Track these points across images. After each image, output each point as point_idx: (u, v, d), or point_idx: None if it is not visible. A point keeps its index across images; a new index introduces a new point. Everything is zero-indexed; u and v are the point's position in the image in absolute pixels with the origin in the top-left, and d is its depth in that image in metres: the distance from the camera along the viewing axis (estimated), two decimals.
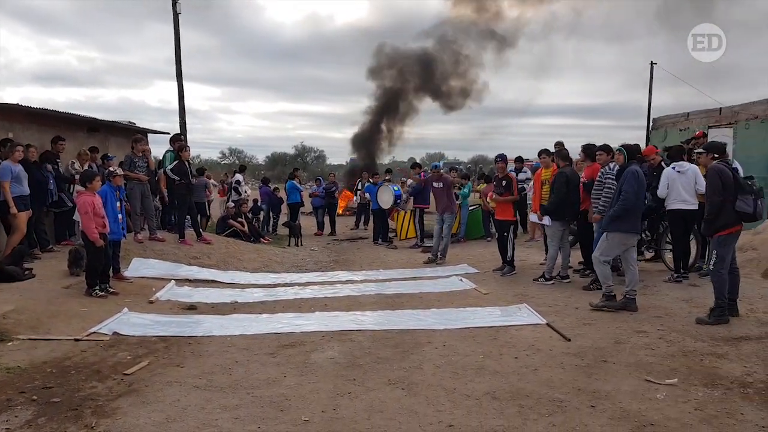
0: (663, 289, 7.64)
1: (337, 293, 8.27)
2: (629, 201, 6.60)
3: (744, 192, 5.83)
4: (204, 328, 6.27)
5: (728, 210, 5.83)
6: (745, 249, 8.70)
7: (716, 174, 5.86)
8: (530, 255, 11.30)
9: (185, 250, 10.26)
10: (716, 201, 5.83)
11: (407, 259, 11.81)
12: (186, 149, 10.86)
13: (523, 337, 5.76)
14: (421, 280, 9.28)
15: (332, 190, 17.11)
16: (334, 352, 5.40)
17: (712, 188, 5.88)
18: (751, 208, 5.82)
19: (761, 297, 7.02)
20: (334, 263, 11.61)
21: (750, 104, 13.51)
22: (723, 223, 5.87)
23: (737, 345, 5.26)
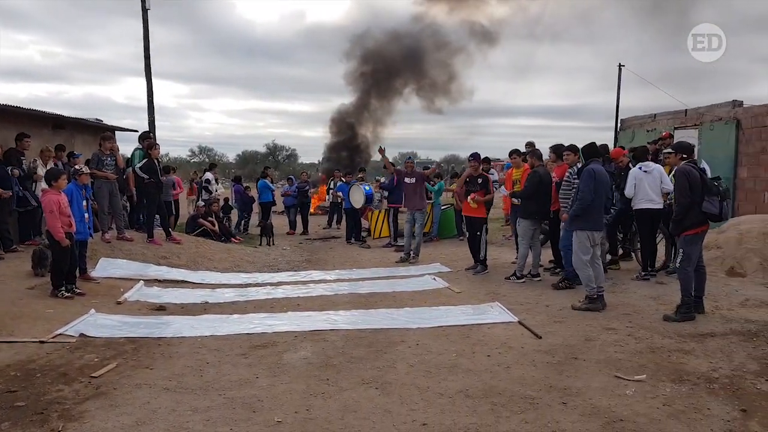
0: (631, 287, 7.79)
1: (309, 293, 8.22)
2: (585, 200, 6.76)
3: (711, 193, 5.98)
4: (174, 329, 6.17)
5: (695, 210, 5.98)
6: (710, 247, 8.92)
7: (684, 176, 5.99)
8: (502, 254, 11.41)
9: (154, 249, 10.10)
10: (684, 202, 5.97)
11: (380, 258, 11.82)
12: (155, 147, 10.69)
13: (495, 335, 5.80)
14: (394, 279, 9.29)
15: (305, 189, 17.02)
16: (307, 352, 5.37)
17: (680, 190, 6.01)
18: (717, 209, 5.98)
19: (726, 294, 7.21)
20: (307, 263, 11.55)
21: (714, 106, 13.85)
22: (690, 222, 6.02)
23: (703, 341, 5.38)
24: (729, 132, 12.83)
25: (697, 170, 6.07)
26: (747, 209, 12.19)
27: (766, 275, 8.16)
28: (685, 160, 6.21)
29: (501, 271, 9.45)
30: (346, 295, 8.06)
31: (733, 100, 13.39)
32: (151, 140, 11.16)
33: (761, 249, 8.61)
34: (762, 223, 9.19)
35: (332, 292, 8.27)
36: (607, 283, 7.90)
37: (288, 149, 69.96)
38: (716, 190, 6.04)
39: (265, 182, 15.78)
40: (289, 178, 18.67)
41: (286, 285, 8.92)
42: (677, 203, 6.06)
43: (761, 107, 12.54)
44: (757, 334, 5.53)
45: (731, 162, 12.70)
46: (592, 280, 6.84)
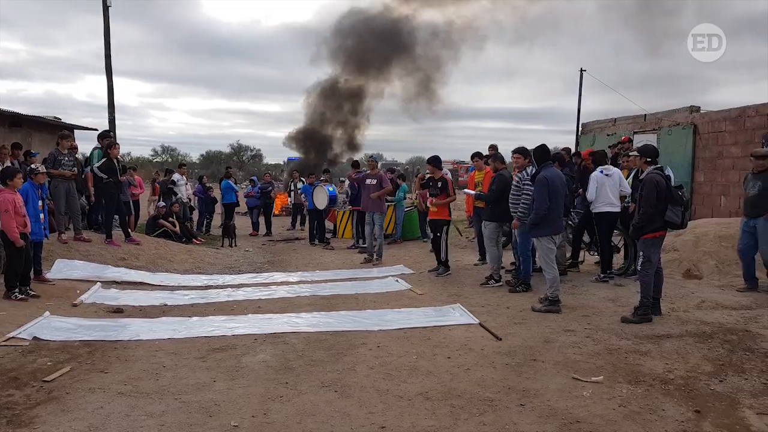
0: (591, 288, 7.93)
1: (271, 295, 8.15)
2: (542, 209, 6.90)
3: (675, 203, 6.14)
4: (131, 331, 6.04)
5: (658, 217, 6.13)
6: (668, 250, 9.13)
7: (654, 185, 6.09)
8: (465, 256, 11.50)
9: (112, 251, 9.88)
10: (650, 211, 6.10)
11: (344, 260, 11.79)
12: (115, 146, 10.46)
13: (456, 337, 5.84)
14: (357, 281, 9.28)
15: (268, 190, 16.87)
16: (266, 355, 5.31)
17: (647, 198, 6.11)
18: (679, 219, 6.17)
19: (682, 296, 7.38)
20: (269, 264, 11.45)
21: (672, 111, 14.23)
22: (651, 227, 6.16)
23: (659, 343, 5.50)
24: (686, 137, 13.19)
25: (664, 178, 6.21)
26: (704, 213, 12.54)
27: (722, 277, 8.37)
28: (650, 165, 6.33)
29: (464, 273, 9.52)
30: (308, 297, 8.01)
31: (691, 105, 13.77)
32: (111, 139, 10.92)
33: (717, 252, 8.84)
34: (718, 226, 9.46)
35: (294, 294, 8.22)
36: (566, 285, 8.06)
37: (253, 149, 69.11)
38: (680, 200, 6.19)
39: (228, 183, 15.60)
40: (252, 179, 18.48)
41: (247, 287, 8.82)
42: (642, 210, 6.16)
43: (718, 113, 12.91)
44: (711, 336, 5.67)
45: (688, 166, 13.06)
46: (558, 281, 6.96)
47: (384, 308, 7.19)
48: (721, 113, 12.69)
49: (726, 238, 8.86)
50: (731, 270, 8.25)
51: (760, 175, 7.40)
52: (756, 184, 7.41)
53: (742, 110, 12.10)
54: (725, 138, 12.37)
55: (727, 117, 12.40)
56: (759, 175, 7.41)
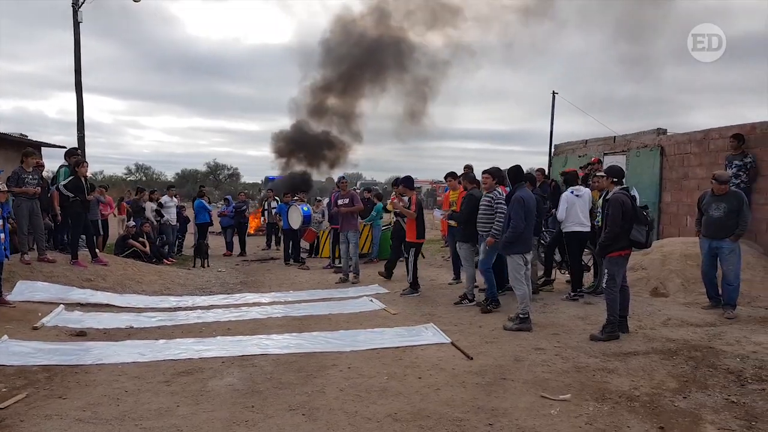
0: (561, 307, 7.97)
1: (242, 316, 8.03)
2: (518, 228, 6.99)
3: (639, 222, 6.24)
4: (93, 355, 5.87)
5: (623, 236, 6.21)
6: (636, 269, 9.24)
7: (619, 205, 6.19)
8: (440, 275, 11.50)
9: (78, 272, 9.65)
10: (616, 230, 6.18)
11: (319, 280, 11.70)
12: (83, 164, 10.27)
13: (427, 356, 5.81)
14: (331, 301, 9.21)
15: (242, 209, 16.72)
16: (233, 378, 5.20)
17: (613, 218, 6.19)
18: (644, 238, 6.28)
19: (649, 314, 7.46)
20: (242, 285, 11.31)
21: (641, 133, 14.46)
22: (617, 246, 6.24)
23: (626, 360, 5.53)
24: (654, 158, 13.40)
25: (629, 198, 6.30)
26: (670, 232, 12.71)
27: (687, 295, 8.49)
28: (617, 185, 6.41)
29: (438, 292, 9.50)
30: (279, 318, 7.91)
31: (658, 128, 14.00)
32: (78, 157, 10.72)
33: (683, 270, 8.98)
34: (683, 245, 9.60)
35: (266, 315, 8.11)
36: (537, 303, 8.09)
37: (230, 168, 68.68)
38: (644, 219, 6.29)
39: (201, 202, 15.41)
40: (226, 198, 18.31)
41: (218, 308, 8.69)
42: (608, 230, 6.23)
43: (683, 135, 13.16)
44: (677, 353, 5.73)
45: (656, 187, 13.24)
46: (527, 298, 6.97)
47: (357, 328, 7.15)
48: (687, 135, 12.93)
49: (691, 257, 8.98)
50: (696, 288, 8.36)
51: (723, 197, 7.39)
52: (720, 206, 7.38)
53: (706, 133, 12.34)
54: (690, 159, 12.59)
55: (692, 139, 12.64)
56: (723, 198, 7.39)
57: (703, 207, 7.68)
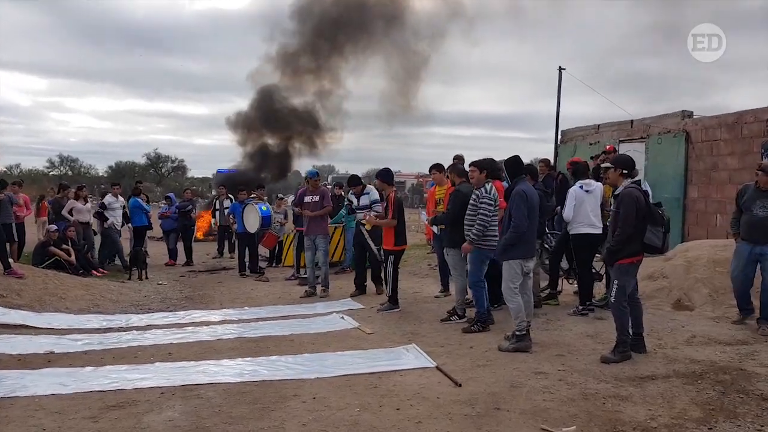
0: (567, 323, 8.06)
1: (186, 338, 8.06)
2: (521, 227, 6.93)
3: (655, 223, 6.29)
4: (5, 387, 5.82)
5: (636, 240, 6.27)
6: (655, 277, 9.39)
7: (633, 202, 6.22)
8: (425, 286, 11.58)
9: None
10: (628, 231, 6.21)
11: (280, 293, 11.72)
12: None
13: (408, 383, 5.85)
14: (294, 319, 9.25)
15: (187, 209, 16.65)
16: (174, 412, 5.20)
17: (625, 217, 6.20)
18: (660, 242, 6.32)
19: (670, 330, 7.58)
20: (188, 300, 11.29)
21: (663, 117, 14.72)
22: (627, 252, 6.31)
23: (642, 385, 5.63)
24: (678, 146, 13.64)
25: (642, 194, 6.37)
26: (697, 234, 12.95)
27: (716, 308, 8.64)
28: (627, 177, 6.46)
29: (422, 307, 9.57)
30: (232, 340, 7.94)
31: (683, 111, 14.26)
32: None
33: (711, 278, 9.13)
34: (712, 249, 9.77)
35: (215, 336, 8.14)
36: (540, 319, 8.18)
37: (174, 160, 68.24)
38: (660, 219, 6.35)
39: (137, 201, 15.31)
40: (168, 196, 18.20)
41: (157, 329, 8.70)
42: (620, 231, 6.26)
43: (712, 119, 13.42)
44: (702, 376, 5.83)
45: (680, 180, 13.48)
46: (522, 311, 7.04)
47: (325, 351, 7.20)
48: (716, 119, 13.19)
49: (721, 263, 9.14)
50: (726, 299, 8.51)
51: None
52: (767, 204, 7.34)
53: (738, 116, 12.60)
54: (720, 147, 12.85)
55: (722, 123, 12.90)
56: None
57: (744, 204, 7.60)
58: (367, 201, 11.67)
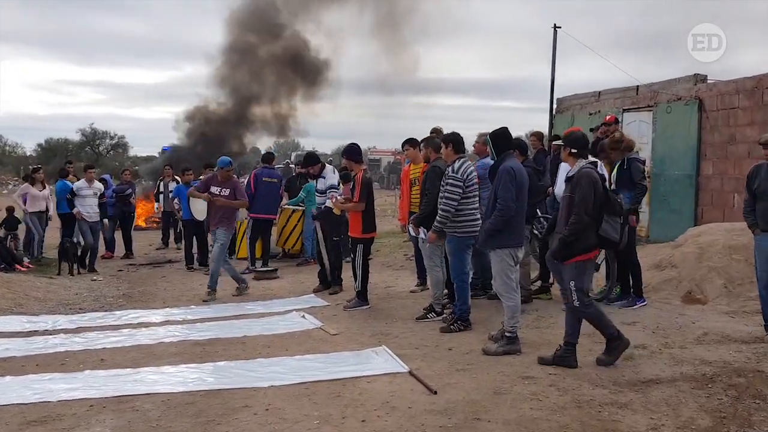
0: (560, 321, 8.02)
1: (122, 342, 8.04)
2: (508, 210, 6.88)
3: (613, 212, 6.22)
4: None
5: (591, 232, 6.22)
6: (663, 266, 9.49)
7: (592, 185, 6.16)
8: (399, 279, 11.60)
9: None
10: (585, 220, 6.14)
11: (232, 289, 11.65)
12: None
13: (376, 391, 5.88)
14: (247, 318, 9.27)
15: (126, 193, 16.48)
16: (104, 427, 5.19)
17: (582, 203, 6.13)
18: (617, 235, 6.25)
19: (679, 327, 7.67)
20: (125, 299, 11.23)
21: (673, 81, 14.76)
22: (583, 246, 6.26)
23: (644, 390, 5.69)
24: (690, 115, 13.70)
25: (600, 177, 6.34)
26: (713, 216, 13.04)
27: (732, 301, 8.75)
28: (578, 158, 6.43)
29: (396, 304, 9.59)
30: (175, 343, 7.94)
31: (695, 74, 14.30)
32: None
33: (726, 267, 9.24)
34: (728, 233, 9.86)
35: (156, 339, 8.13)
36: (529, 315, 8.23)
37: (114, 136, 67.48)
38: (620, 208, 6.30)
39: (65, 184, 15.09)
40: (103, 178, 18.00)
41: (89, 331, 8.67)
42: (575, 218, 6.17)
43: (729, 83, 13.47)
44: (713, 379, 5.91)
45: (692, 154, 13.54)
46: (519, 310, 7.09)
47: (281, 355, 7.23)
48: (734, 83, 13.24)
49: (738, 249, 9.26)
50: (744, 290, 8.63)
51: None
52: None
53: (758, 80, 12.66)
54: (738, 116, 12.92)
55: (740, 89, 12.96)
56: None
57: (759, 189, 7.24)
58: (322, 186, 11.43)
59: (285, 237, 14.92)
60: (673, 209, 13.75)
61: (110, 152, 66.40)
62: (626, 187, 8.51)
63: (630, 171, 8.57)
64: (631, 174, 8.57)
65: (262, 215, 13.58)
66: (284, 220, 14.85)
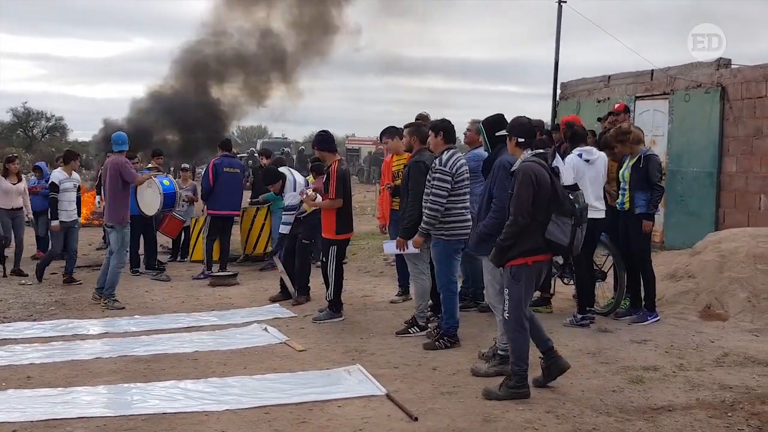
0: (562, 336, 8.09)
1: (53, 357, 7.97)
2: (505, 211, 6.78)
3: (561, 212, 6.14)
4: None
5: (535, 234, 6.15)
6: (679, 276, 9.50)
7: (530, 181, 6.11)
8: (378, 288, 11.56)
9: None
10: (521, 221, 6.12)
11: (185, 296, 11.61)
12: None
13: (348, 417, 5.86)
14: (201, 331, 9.21)
15: None
16: None
17: (519, 200, 6.12)
18: (567, 238, 6.14)
19: (696, 347, 7.69)
20: (58, 306, 11.07)
21: (693, 66, 14.85)
22: (524, 249, 6.20)
23: (656, 419, 5.68)
24: (711, 105, 13.79)
25: (548, 171, 6.29)
26: (736, 219, 13.13)
27: (756, 317, 8.78)
28: (524, 148, 6.43)
29: (373, 316, 9.57)
30: (115, 359, 7.89)
31: (718, 58, 14.39)
32: None
33: (750, 279, 9.26)
34: (753, 240, 9.90)
35: (92, 355, 8.07)
36: None
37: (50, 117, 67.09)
38: (569, 207, 6.21)
39: None
40: (37, 166, 17.81)
41: (14, 344, 8.61)
42: (511, 220, 6.18)
43: (755, 69, 13.55)
44: (733, 407, 5.92)
45: (714, 149, 13.61)
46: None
47: (239, 374, 7.20)
48: (761, 69, 13.32)
49: (764, 258, 9.34)
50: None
51: None
52: None
53: None
54: (766, 107, 13.00)
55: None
56: None
57: None
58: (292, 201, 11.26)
59: (253, 242, 14.81)
60: (691, 211, 13.82)
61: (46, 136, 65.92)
62: (641, 188, 8.53)
63: (647, 169, 8.56)
64: (648, 173, 8.56)
65: (222, 212, 13.43)
66: (248, 221, 14.77)
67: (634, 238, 8.70)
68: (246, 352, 8.06)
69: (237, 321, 9.69)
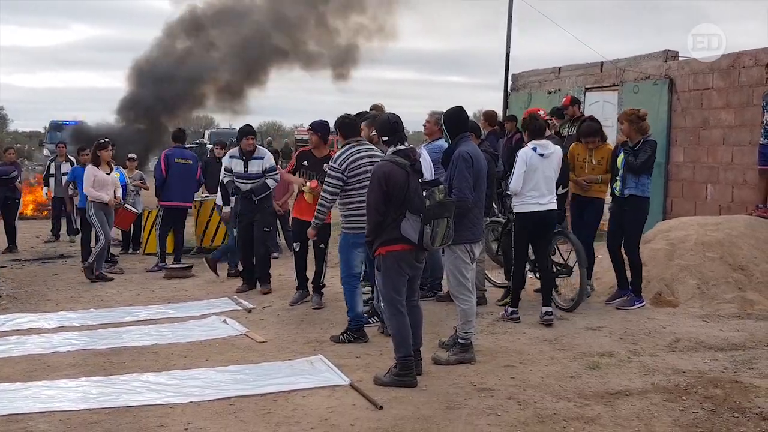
0: (521, 325, 8.24)
1: (8, 352, 7.91)
2: (465, 201, 6.92)
3: (413, 210, 6.38)
4: None
5: (389, 228, 6.44)
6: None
7: (378, 182, 6.42)
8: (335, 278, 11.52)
9: None
10: (374, 219, 6.46)
11: (140, 289, 11.52)
12: None
13: (313, 407, 5.90)
14: (159, 324, 9.18)
15: (11, 176, 16.07)
16: None
17: (369, 200, 6.53)
18: (416, 234, 6.35)
19: (649, 333, 7.87)
20: (9, 300, 10.93)
21: (641, 58, 15.09)
22: (381, 240, 6.49)
23: (613, 403, 5.82)
24: (659, 96, 14.02)
25: (403, 169, 6.48)
26: (684, 208, 13.39)
27: (706, 303, 8.97)
28: (390, 145, 6.69)
29: (334, 306, 9.56)
30: (73, 353, 7.84)
31: (666, 50, 14.64)
32: None
33: (699, 266, 9.44)
34: (701, 228, 10.08)
35: (49, 348, 8.01)
36: (485, 320, 8.34)
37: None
38: (418, 206, 6.40)
39: None
40: None
41: None
42: (366, 218, 6.67)
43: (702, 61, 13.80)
44: (687, 390, 6.07)
45: (662, 139, 13.77)
46: (474, 315, 7.12)
47: (201, 366, 7.19)
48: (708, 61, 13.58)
49: (712, 246, 9.50)
50: (719, 292, 8.90)
51: None
52: None
53: (735, 57, 12.99)
54: (713, 98, 13.25)
55: (715, 67, 13.28)
56: None
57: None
58: (258, 168, 11.17)
59: (210, 235, 14.71)
60: None
61: None
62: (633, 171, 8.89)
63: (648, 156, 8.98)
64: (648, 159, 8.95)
65: (175, 203, 13.34)
66: (206, 214, 14.64)
67: (629, 222, 8.99)
68: (206, 344, 8.05)
69: (195, 313, 9.68)
